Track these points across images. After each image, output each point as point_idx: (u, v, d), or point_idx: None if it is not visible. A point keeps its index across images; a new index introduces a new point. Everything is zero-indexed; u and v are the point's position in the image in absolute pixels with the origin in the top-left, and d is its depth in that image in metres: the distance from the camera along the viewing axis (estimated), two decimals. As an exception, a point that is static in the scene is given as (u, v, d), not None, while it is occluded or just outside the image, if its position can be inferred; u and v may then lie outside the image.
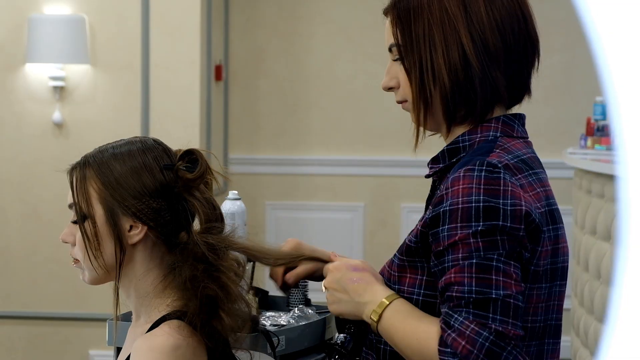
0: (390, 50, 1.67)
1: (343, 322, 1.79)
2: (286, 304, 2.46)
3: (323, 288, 1.69)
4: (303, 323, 2.30)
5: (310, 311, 2.37)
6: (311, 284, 2.29)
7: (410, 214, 5.33)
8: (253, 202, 5.28)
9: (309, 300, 2.47)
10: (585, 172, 4.01)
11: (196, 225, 1.77)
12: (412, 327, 1.54)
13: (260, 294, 2.17)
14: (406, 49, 1.62)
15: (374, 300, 1.59)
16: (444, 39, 1.59)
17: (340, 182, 5.46)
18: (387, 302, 1.57)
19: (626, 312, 0.49)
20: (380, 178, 5.42)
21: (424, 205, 1.73)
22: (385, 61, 1.69)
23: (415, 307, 1.58)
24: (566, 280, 1.65)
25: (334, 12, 5.38)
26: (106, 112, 4.75)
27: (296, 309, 2.37)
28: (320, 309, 2.41)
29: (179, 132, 4.66)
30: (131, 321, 1.84)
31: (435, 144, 1.74)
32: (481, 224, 1.48)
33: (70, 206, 1.77)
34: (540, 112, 5.08)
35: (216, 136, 5.17)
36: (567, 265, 1.64)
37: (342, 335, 1.78)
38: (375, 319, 1.58)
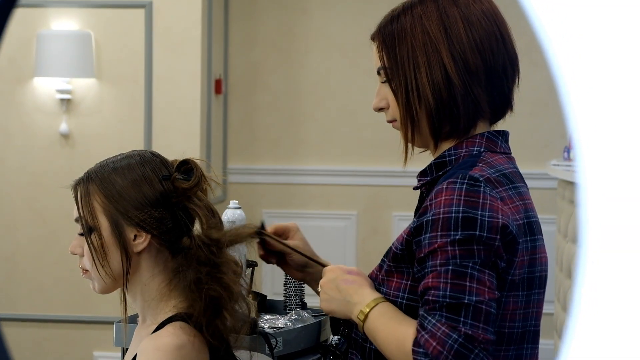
0: (378, 73, 1.70)
1: (337, 325, 1.82)
2: (283, 308, 2.48)
3: (319, 288, 1.72)
4: (299, 325, 2.33)
5: (306, 314, 2.40)
6: (307, 289, 2.31)
7: (401, 222, 5.34)
8: (251, 210, 5.30)
9: (305, 304, 2.49)
10: (567, 183, 4.04)
11: (197, 231, 1.80)
12: (393, 328, 1.56)
13: (259, 297, 2.20)
14: (392, 71, 1.66)
15: (362, 301, 1.62)
16: (427, 60, 1.62)
17: (334, 192, 5.47)
18: (374, 304, 1.60)
19: (587, 311, 0.53)
20: (372, 188, 5.43)
21: (414, 213, 1.76)
22: (377, 76, 1.72)
23: (399, 311, 1.60)
24: (544, 288, 1.66)
25: (329, 29, 5.40)
26: (111, 124, 4.77)
27: (293, 312, 2.40)
28: (316, 313, 2.43)
29: (181, 143, 4.68)
30: (137, 323, 1.87)
31: (424, 156, 1.76)
32: (459, 233, 1.51)
33: (76, 220, 1.79)
34: (526, 125, 5.12)
35: (216, 147, 5.19)
36: (546, 275, 1.66)
37: (336, 337, 1.81)
38: (361, 319, 1.60)
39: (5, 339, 0.64)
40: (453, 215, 1.52)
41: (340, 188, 5.46)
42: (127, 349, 1.96)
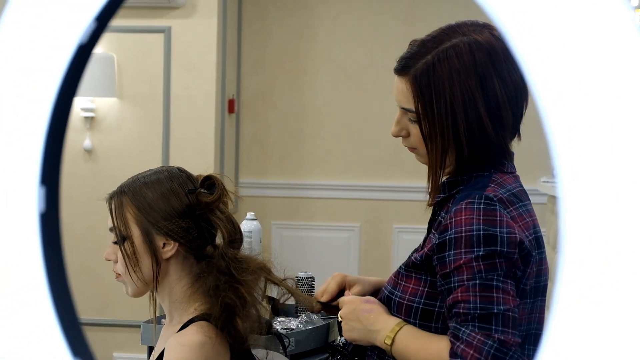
0: (402, 107, 1.68)
1: None
2: (295, 311, 2.53)
3: (339, 318, 1.73)
4: (310, 327, 2.36)
5: (315, 317, 2.44)
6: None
7: (401, 234, 5.34)
8: (261, 222, 5.25)
9: None
10: (556, 198, 4.10)
11: (218, 239, 1.87)
12: (424, 345, 1.59)
13: (272, 301, 2.25)
14: (426, 121, 1.63)
15: (385, 327, 1.63)
16: (466, 118, 1.61)
17: (339, 205, 5.48)
18: (398, 328, 1.62)
19: (564, 316, 0.55)
20: (374, 201, 5.43)
21: (414, 226, 1.82)
22: (379, 97, 1.74)
23: (421, 330, 1.63)
24: (546, 296, 1.70)
25: (335, 53, 5.42)
26: (131, 140, 4.82)
27: (304, 315, 2.44)
28: (325, 315, 2.48)
29: (196, 159, 4.72)
30: (160, 324, 1.93)
31: (425, 171, 1.77)
32: (482, 249, 1.54)
33: (110, 229, 1.84)
34: (519, 144, 5.15)
35: (228, 162, 5.22)
36: (547, 284, 1.70)
37: (343, 338, 1.83)
38: (389, 343, 1.62)
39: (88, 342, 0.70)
40: (474, 233, 1.54)
41: (344, 201, 5.47)
42: (152, 347, 2.03)
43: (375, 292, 1.88)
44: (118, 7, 0.69)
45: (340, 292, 1.90)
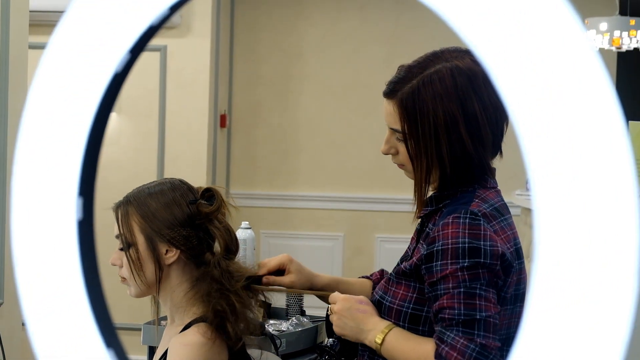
0: (391, 127, 1.71)
1: (332, 329, 1.92)
2: (285, 314, 2.57)
3: (329, 311, 1.77)
4: (299, 329, 2.41)
5: (305, 320, 2.47)
6: (305, 299, 2.40)
7: (383, 243, 5.38)
8: (249, 230, 5.35)
9: (304, 311, 2.58)
10: (529, 210, 4.15)
11: (216, 247, 1.91)
12: (412, 346, 1.63)
13: (265, 305, 2.29)
14: (412, 141, 1.68)
15: (376, 328, 1.67)
16: (448, 138, 1.64)
17: (323, 215, 5.51)
18: (388, 330, 1.66)
19: (535, 327, 0.56)
20: (357, 212, 5.46)
21: (395, 235, 1.85)
22: (362, 114, 1.77)
23: (410, 333, 1.66)
24: (524, 302, 1.70)
25: (321, 73, 5.46)
26: (128, 153, 4.84)
27: (294, 318, 2.47)
28: (313, 318, 2.52)
29: (189, 170, 4.74)
30: (154, 325, 1.96)
31: (408, 184, 1.80)
32: (467, 260, 1.58)
33: (116, 237, 1.87)
34: (500, 161, 5.17)
35: (220, 174, 5.25)
36: (526, 291, 1.73)
37: (331, 339, 1.88)
38: (379, 342, 1.65)
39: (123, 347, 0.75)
40: (460, 245, 1.59)
41: (329, 212, 5.50)
42: (154, 347, 2.06)
43: (312, 287, 1.91)
44: (148, 41, 0.75)
45: (279, 271, 1.92)
